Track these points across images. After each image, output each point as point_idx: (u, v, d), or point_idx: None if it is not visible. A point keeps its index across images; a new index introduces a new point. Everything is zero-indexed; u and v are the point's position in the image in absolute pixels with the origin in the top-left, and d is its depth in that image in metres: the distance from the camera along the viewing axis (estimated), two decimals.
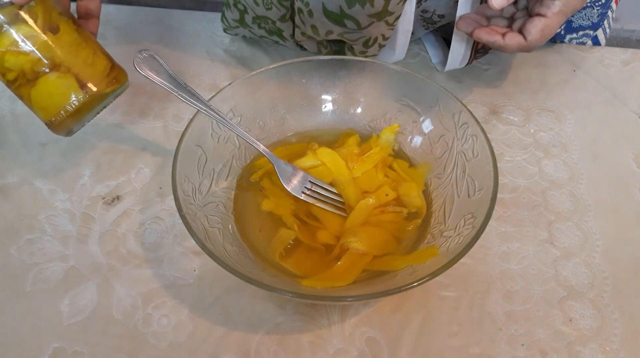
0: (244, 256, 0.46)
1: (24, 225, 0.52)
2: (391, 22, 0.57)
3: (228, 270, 0.39)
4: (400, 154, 0.54)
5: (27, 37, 0.46)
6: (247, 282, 0.39)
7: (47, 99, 0.48)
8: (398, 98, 0.55)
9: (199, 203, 0.47)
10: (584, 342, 0.45)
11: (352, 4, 0.53)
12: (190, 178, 0.47)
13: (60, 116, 0.48)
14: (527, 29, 0.52)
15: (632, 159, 0.57)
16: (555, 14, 0.51)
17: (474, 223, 0.43)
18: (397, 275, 0.44)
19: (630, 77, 0.66)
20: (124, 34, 0.53)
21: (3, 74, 0.47)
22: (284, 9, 0.59)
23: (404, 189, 0.50)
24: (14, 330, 0.45)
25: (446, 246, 0.44)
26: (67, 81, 0.48)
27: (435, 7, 0.63)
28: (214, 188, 0.50)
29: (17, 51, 0.46)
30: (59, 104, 0.48)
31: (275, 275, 0.45)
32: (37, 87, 0.48)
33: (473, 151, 0.48)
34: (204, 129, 0.50)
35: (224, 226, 0.48)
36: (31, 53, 0.47)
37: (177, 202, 0.43)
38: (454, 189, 0.49)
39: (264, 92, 0.54)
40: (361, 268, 0.45)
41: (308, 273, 0.46)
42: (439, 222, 0.48)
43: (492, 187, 0.44)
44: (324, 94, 0.57)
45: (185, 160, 0.47)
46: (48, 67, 0.47)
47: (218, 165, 0.51)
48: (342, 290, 0.44)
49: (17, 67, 0.47)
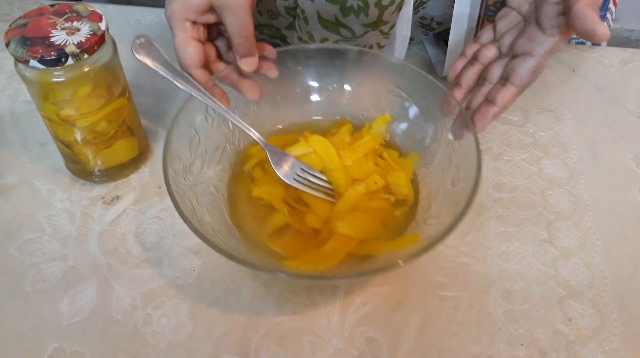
0: (231, 237, 0.47)
1: (23, 225, 0.52)
2: (386, 32, 0.57)
3: (211, 246, 0.40)
4: (391, 144, 0.55)
5: (122, 106, 0.51)
6: (228, 258, 0.40)
7: (111, 156, 0.53)
8: (391, 88, 0.56)
9: (190, 183, 0.48)
10: (583, 341, 0.45)
11: (346, 14, 0.53)
12: (181, 157, 0.48)
13: (104, 169, 0.54)
14: (516, 72, 0.47)
15: (631, 158, 0.57)
16: (547, 52, 0.46)
17: (455, 211, 0.43)
18: (380, 260, 0.45)
19: (630, 77, 0.66)
20: (124, 34, 0.54)
21: (84, 136, 0.50)
22: (290, 17, 0.58)
23: (393, 177, 0.51)
24: (13, 330, 0.45)
25: (428, 233, 0.45)
26: (131, 143, 0.54)
27: (433, 14, 0.62)
28: (205, 169, 0.51)
29: (110, 119, 0.50)
30: (116, 160, 0.54)
31: (261, 256, 0.46)
32: (112, 147, 0.53)
33: (460, 142, 0.49)
34: (198, 111, 0.51)
35: (213, 207, 0.48)
36: (120, 120, 0.51)
37: (165, 178, 0.44)
38: (440, 179, 0.50)
39: (259, 79, 0.54)
40: (346, 251, 0.46)
41: (294, 255, 0.47)
42: (423, 210, 0.49)
43: (475, 176, 0.44)
44: (319, 83, 0.58)
45: (177, 139, 0.48)
46: (127, 132, 0.53)
47: (211, 147, 0.52)
48: (324, 271, 0.45)
49: (107, 131, 0.51)
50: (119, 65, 0.50)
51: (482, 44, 0.52)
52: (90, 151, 0.52)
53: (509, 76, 0.48)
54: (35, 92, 0.47)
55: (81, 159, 0.52)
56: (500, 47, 0.50)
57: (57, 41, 0.44)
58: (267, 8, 0.59)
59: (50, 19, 0.46)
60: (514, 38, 0.49)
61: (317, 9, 0.55)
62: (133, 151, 0.55)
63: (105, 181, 0.55)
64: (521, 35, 0.48)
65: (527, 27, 0.48)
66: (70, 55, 0.44)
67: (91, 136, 0.50)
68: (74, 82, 0.46)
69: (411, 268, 0.49)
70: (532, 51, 0.46)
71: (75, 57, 0.44)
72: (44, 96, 0.47)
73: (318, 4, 0.54)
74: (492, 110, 0.48)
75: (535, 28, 0.47)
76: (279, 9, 0.58)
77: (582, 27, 0.42)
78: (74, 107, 0.47)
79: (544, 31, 0.46)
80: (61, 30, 0.45)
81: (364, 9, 0.53)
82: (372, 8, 0.53)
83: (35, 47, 0.44)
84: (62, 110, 0.48)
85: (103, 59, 0.47)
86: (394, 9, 0.54)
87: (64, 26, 0.46)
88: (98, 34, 0.46)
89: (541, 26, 0.46)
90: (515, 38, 0.49)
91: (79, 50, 0.44)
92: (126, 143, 0.53)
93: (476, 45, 0.52)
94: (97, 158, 0.52)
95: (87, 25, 0.46)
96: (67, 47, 0.44)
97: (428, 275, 0.48)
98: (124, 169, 0.55)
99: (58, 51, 0.44)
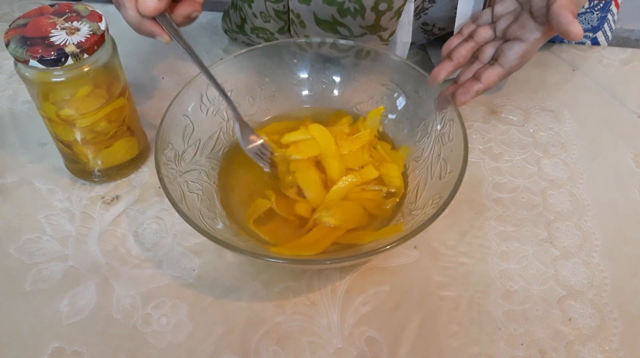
0: (219, 222, 0.48)
1: (23, 225, 0.52)
2: (386, 38, 0.57)
3: (198, 230, 0.42)
4: (384, 137, 0.56)
5: (122, 106, 0.51)
6: (214, 242, 0.41)
7: (111, 156, 0.53)
8: (384, 82, 0.57)
9: (181, 169, 0.49)
10: (583, 341, 0.45)
11: (344, 15, 0.54)
12: (174, 144, 0.49)
13: (105, 168, 0.54)
14: (505, 55, 0.49)
15: (631, 158, 0.57)
16: (537, 40, 0.48)
17: (439, 203, 0.44)
18: (363, 249, 0.46)
19: (630, 76, 0.66)
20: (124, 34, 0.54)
21: (84, 136, 0.50)
22: (281, 21, 0.59)
23: (386, 169, 0.52)
24: (13, 330, 0.45)
25: (412, 223, 0.46)
26: (131, 143, 0.54)
27: (435, 20, 0.62)
28: (198, 157, 0.52)
29: (110, 119, 0.50)
30: (116, 160, 0.54)
31: (247, 241, 0.47)
32: (112, 147, 0.52)
33: (449, 135, 0.50)
34: (192, 101, 0.52)
35: (203, 193, 0.50)
36: (120, 120, 0.51)
37: (157, 164, 0.46)
38: (428, 171, 0.51)
39: (255, 70, 0.55)
40: (331, 240, 0.47)
41: (280, 241, 0.48)
42: (410, 202, 0.50)
43: (460, 169, 0.45)
44: (314, 75, 0.59)
45: (170, 128, 0.49)
46: (127, 132, 0.53)
47: (204, 136, 0.53)
48: (307, 257, 0.46)
49: (107, 131, 0.51)
50: (119, 65, 0.50)
51: (479, 24, 0.54)
52: (90, 151, 0.52)
53: (498, 57, 0.50)
54: (35, 92, 0.47)
55: (81, 159, 0.52)
56: (495, 30, 0.52)
57: (57, 41, 0.44)
58: (260, 10, 0.59)
59: (50, 19, 0.46)
60: (508, 23, 0.51)
61: (313, 11, 0.55)
62: (133, 151, 0.55)
63: (105, 181, 0.55)
64: (515, 21, 0.50)
65: (522, 14, 0.50)
66: (70, 55, 0.44)
67: (91, 136, 0.50)
68: (74, 82, 0.46)
69: (411, 268, 0.49)
70: (523, 37, 0.49)
71: (75, 57, 0.44)
72: (43, 96, 0.47)
73: (314, 6, 0.54)
74: (476, 86, 0.50)
75: (528, 16, 0.49)
76: (269, 11, 0.58)
77: (558, 27, 0.45)
78: (73, 107, 0.47)
79: (535, 20, 0.48)
80: (61, 30, 0.45)
81: (360, 12, 0.53)
82: (369, 12, 0.53)
83: (35, 47, 0.44)
84: (62, 110, 0.48)
85: (103, 59, 0.47)
86: (393, 14, 0.54)
87: (63, 26, 0.46)
88: (98, 34, 0.46)
89: (533, 15, 0.48)
90: (510, 23, 0.51)
91: (78, 50, 0.44)
92: (126, 143, 0.53)
93: (473, 25, 0.54)
94: (97, 158, 0.52)
95: (87, 25, 0.46)
96: (67, 47, 0.44)
97: (428, 275, 0.48)
98: (124, 169, 0.55)
99: (58, 51, 0.44)
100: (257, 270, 0.49)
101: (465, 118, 0.57)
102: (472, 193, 0.54)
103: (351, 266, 0.49)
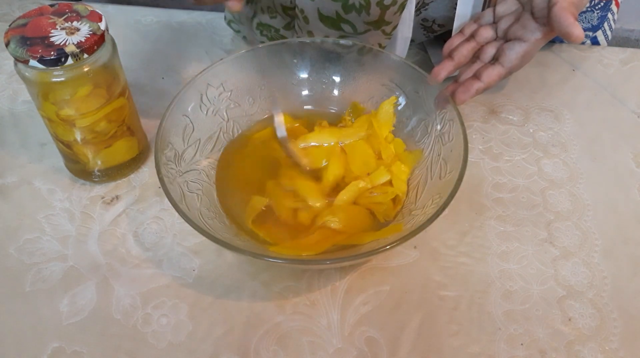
0: (219, 222, 0.48)
1: (23, 225, 0.52)
2: (388, 32, 0.57)
3: (198, 230, 0.42)
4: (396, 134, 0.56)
5: (122, 106, 0.51)
6: (214, 242, 0.42)
7: (111, 156, 0.53)
8: (384, 82, 0.57)
9: (181, 169, 0.49)
10: (583, 341, 0.45)
11: (348, 11, 0.54)
12: (174, 144, 0.50)
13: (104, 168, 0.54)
14: (506, 54, 0.50)
15: (631, 158, 0.57)
16: (537, 40, 0.49)
17: (439, 203, 0.44)
18: (363, 249, 0.47)
19: (629, 76, 0.66)
20: (124, 34, 0.54)
21: (84, 136, 0.50)
22: (288, 17, 0.59)
23: (396, 170, 0.52)
24: (13, 330, 0.45)
25: (412, 223, 0.46)
26: (131, 143, 0.54)
27: (435, 16, 0.62)
28: (198, 157, 0.52)
29: (110, 119, 0.50)
30: (116, 160, 0.54)
31: (247, 241, 0.48)
32: (112, 147, 0.52)
33: (449, 135, 0.50)
34: (192, 101, 0.53)
35: (203, 193, 0.50)
36: (120, 120, 0.51)
37: (157, 163, 0.46)
38: (428, 171, 0.51)
39: (255, 70, 0.55)
40: (332, 242, 0.48)
41: (280, 241, 0.48)
42: (410, 202, 0.50)
43: (460, 169, 0.45)
44: (314, 75, 0.59)
45: (170, 128, 0.49)
46: (127, 132, 0.53)
47: (204, 136, 0.54)
48: (307, 257, 0.47)
49: (107, 131, 0.51)
50: (119, 65, 0.50)
51: (480, 24, 0.54)
52: (90, 151, 0.52)
53: (499, 57, 0.50)
54: (35, 92, 0.47)
55: (81, 159, 0.52)
56: (497, 30, 0.53)
57: (57, 41, 0.44)
58: (267, 5, 0.59)
59: (50, 19, 0.46)
60: (510, 23, 0.51)
61: (317, 6, 0.55)
62: (133, 151, 0.55)
63: (105, 181, 0.55)
64: (516, 22, 0.51)
65: (523, 14, 0.50)
66: (70, 55, 0.44)
67: (91, 136, 0.50)
68: (74, 82, 0.46)
69: (411, 268, 0.49)
70: (524, 37, 0.49)
71: (75, 57, 0.44)
72: (43, 96, 0.47)
73: (319, 1, 0.54)
74: (476, 85, 0.51)
75: (529, 16, 0.49)
76: (276, 7, 0.58)
77: (559, 29, 0.46)
78: (73, 107, 0.47)
79: (536, 20, 0.49)
80: (61, 30, 0.46)
81: (365, 7, 0.53)
82: (374, 7, 0.53)
83: (35, 47, 0.44)
84: (62, 110, 0.48)
85: (103, 59, 0.47)
86: (397, 9, 0.54)
87: (63, 26, 0.46)
88: (98, 33, 0.46)
89: (534, 15, 0.49)
90: (512, 24, 0.51)
91: (78, 50, 0.44)
92: (126, 143, 0.53)
93: (475, 25, 0.54)
94: (97, 158, 0.52)
95: (86, 25, 0.46)
96: (66, 47, 0.44)
97: (428, 275, 0.48)
98: (124, 169, 0.55)
99: (58, 51, 0.44)
100: (257, 270, 0.49)
101: (465, 118, 0.57)
102: (472, 193, 0.54)
103: (351, 266, 0.49)
